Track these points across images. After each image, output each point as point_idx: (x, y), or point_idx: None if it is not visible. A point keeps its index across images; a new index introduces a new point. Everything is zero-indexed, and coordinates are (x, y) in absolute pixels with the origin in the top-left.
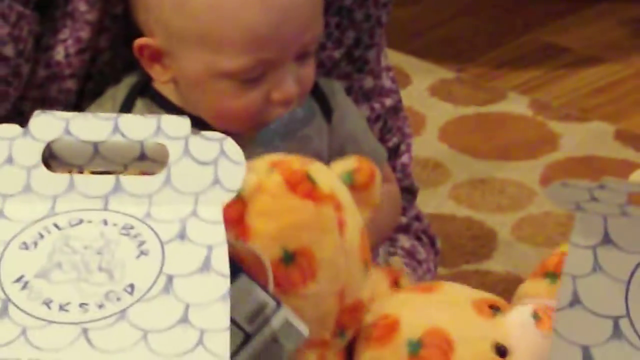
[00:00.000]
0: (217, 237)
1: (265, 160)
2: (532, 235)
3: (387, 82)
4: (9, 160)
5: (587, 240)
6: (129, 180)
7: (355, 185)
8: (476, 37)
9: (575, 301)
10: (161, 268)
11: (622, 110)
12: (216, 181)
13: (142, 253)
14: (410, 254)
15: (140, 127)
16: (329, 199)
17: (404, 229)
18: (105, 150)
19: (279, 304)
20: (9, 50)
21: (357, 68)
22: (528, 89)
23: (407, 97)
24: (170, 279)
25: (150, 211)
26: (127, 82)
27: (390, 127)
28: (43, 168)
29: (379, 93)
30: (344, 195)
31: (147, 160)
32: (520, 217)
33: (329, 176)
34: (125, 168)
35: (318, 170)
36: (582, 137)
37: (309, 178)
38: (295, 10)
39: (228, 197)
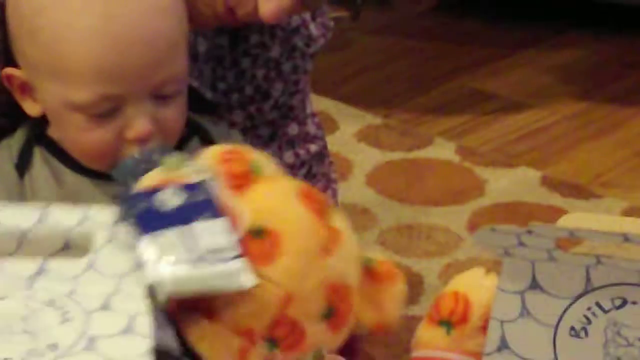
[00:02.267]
0: (141, 308)
1: (296, 180)
2: None
3: (312, 129)
4: None
5: (515, 285)
6: (54, 263)
7: (372, 272)
8: (403, 83)
9: (503, 346)
10: (85, 331)
11: (549, 156)
12: (138, 265)
13: (66, 320)
14: None
15: (65, 216)
16: (328, 227)
17: None
18: (31, 240)
19: (239, 254)
20: None
21: (282, 115)
22: (455, 135)
23: (334, 143)
24: (93, 339)
25: (75, 289)
26: (23, 131)
27: (315, 173)
28: None
29: (304, 139)
30: (349, 248)
31: (71, 249)
32: (447, 263)
33: (348, 229)
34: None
35: (341, 219)
36: (508, 183)
37: (324, 206)
38: (142, 46)
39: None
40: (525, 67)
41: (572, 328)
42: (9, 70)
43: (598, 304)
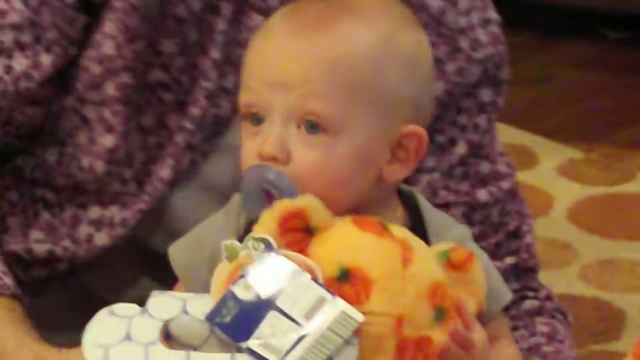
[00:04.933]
0: None
1: (346, 216)
2: None
3: (503, 167)
4: (128, 337)
5: None
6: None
7: (451, 262)
8: (605, 117)
9: None
10: None
11: None
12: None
13: None
14: (551, 337)
15: None
16: (395, 238)
17: (538, 312)
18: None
19: (334, 296)
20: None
21: (473, 153)
22: None
23: (535, 177)
24: None
25: None
26: None
27: (509, 211)
28: (160, 345)
29: (495, 177)
30: (420, 248)
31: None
32: None
33: (409, 234)
34: (238, 351)
35: (398, 228)
36: None
37: (380, 223)
38: (281, 62)
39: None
40: None
41: None
42: None
43: None
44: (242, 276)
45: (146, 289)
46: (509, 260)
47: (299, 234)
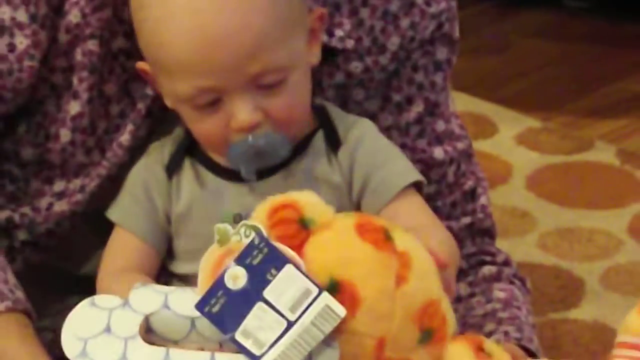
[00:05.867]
0: None
1: (349, 215)
2: (621, 284)
3: (456, 128)
4: (107, 329)
5: None
6: (224, 358)
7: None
8: (563, 86)
9: None
10: None
11: None
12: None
13: None
14: (507, 303)
15: None
16: (396, 253)
17: (496, 278)
18: (202, 326)
19: (320, 290)
20: (22, 16)
21: (429, 111)
22: (615, 138)
23: (494, 146)
24: None
25: None
26: (176, 137)
27: (465, 171)
28: (140, 340)
29: (450, 137)
30: (422, 264)
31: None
32: (608, 267)
33: (413, 243)
34: (220, 346)
35: (403, 235)
36: None
37: (385, 233)
38: (229, 40)
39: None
40: None
41: None
42: (140, 64)
43: None
44: (231, 265)
45: None
46: (465, 220)
47: (291, 227)
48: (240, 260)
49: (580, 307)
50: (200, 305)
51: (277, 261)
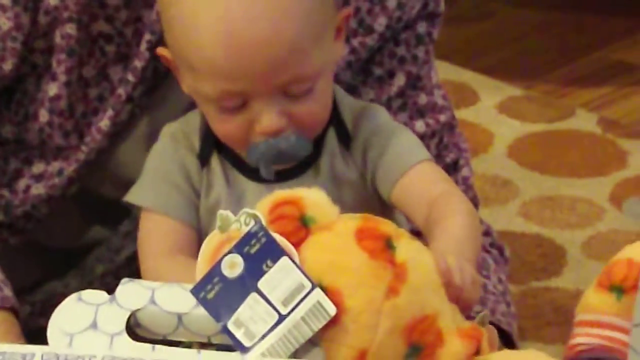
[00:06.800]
0: None
1: (357, 214)
2: (602, 252)
3: (439, 100)
4: (94, 325)
5: None
6: (209, 356)
7: None
8: (545, 55)
9: None
10: None
11: None
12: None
13: None
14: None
15: None
16: (393, 264)
17: None
18: (189, 322)
19: (313, 285)
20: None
21: (411, 85)
22: (597, 107)
23: (475, 115)
24: None
25: None
26: (196, 122)
27: (447, 144)
28: (126, 336)
29: (432, 109)
30: (420, 277)
31: None
32: (590, 235)
33: (416, 254)
34: (208, 340)
35: (408, 244)
36: None
37: (386, 241)
38: (260, 49)
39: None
40: None
41: None
42: (161, 50)
43: None
44: (230, 252)
45: (97, 234)
46: None
47: (291, 224)
48: (238, 248)
49: (562, 276)
50: (195, 291)
51: (274, 252)
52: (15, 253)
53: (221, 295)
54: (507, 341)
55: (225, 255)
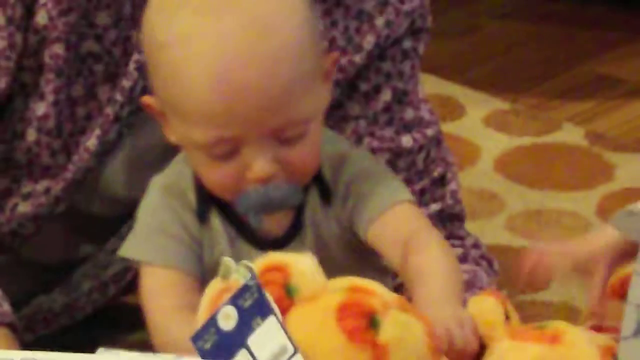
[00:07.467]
0: None
1: (346, 281)
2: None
3: (426, 114)
4: None
5: None
6: None
7: None
8: (531, 68)
9: (639, 330)
10: None
11: None
12: None
13: None
14: (470, 284)
15: None
16: (373, 346)
17: (462, 259)
18: None
19: (295, 350)
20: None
21: (398, 100)
22: (583, 120)
23: (462, 128)
24: None
25: None
26: (187, 174)
27: (434, 158)
28: None
29: (419, 124)
30: (404, 356)
31: None
32: None
33: (403, 330)
34: None
35: (395, 319)
36: (638, 168)
37: (369, 318)
38: (255, 92)
39: None
40: None
41: None
42: (145, 99)
43: None
44: (226, 303)
45: (84, 251)
46: (435, 206)
47: (276, 291)
48: (233, 300)
49: (550, 290)
50: (195, 339)
51: (263, 309)
52: (2, 269)
53: (216, 346)
54: None
55: (222, 306)
